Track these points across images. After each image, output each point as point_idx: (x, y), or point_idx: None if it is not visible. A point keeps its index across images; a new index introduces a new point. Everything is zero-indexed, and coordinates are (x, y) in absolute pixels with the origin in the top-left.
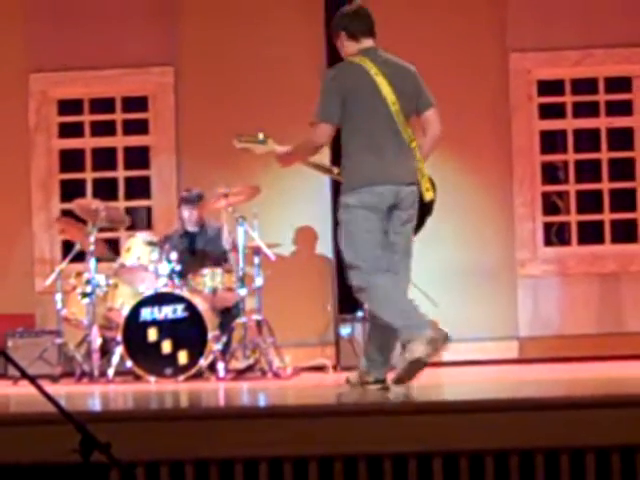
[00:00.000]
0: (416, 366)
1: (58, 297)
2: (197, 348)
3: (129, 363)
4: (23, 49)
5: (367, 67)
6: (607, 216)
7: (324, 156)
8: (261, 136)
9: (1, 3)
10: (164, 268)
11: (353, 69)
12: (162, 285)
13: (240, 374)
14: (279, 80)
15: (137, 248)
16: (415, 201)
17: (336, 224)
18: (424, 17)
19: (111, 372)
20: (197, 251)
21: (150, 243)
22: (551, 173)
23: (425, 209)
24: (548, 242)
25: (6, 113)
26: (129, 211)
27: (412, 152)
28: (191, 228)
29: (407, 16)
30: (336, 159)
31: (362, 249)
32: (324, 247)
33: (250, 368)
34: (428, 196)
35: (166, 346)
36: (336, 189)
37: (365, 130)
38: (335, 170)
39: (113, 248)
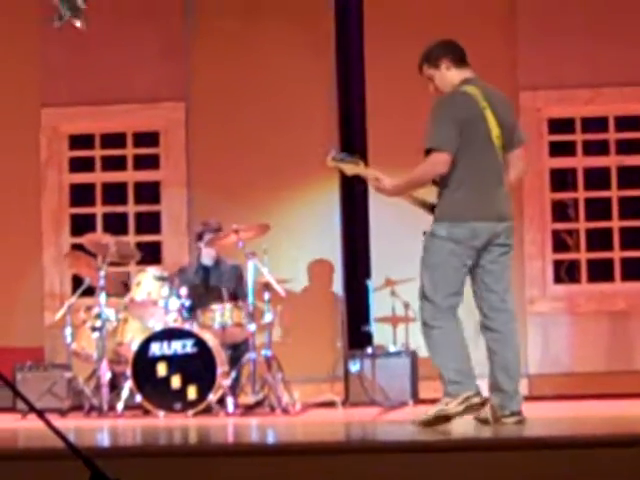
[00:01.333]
0: (441, 421)
1: (67, 331)
2: (206, 383)
3: (138, 398)
4: (35, 84)
5: (478, 99)
6: (617, 254)
7: None
8: (356, 160)
9: (14, 38)
10: (174, 303)
11: (466, 99)
12: (172, 320)
13: (249, 410)
14: (290, 116)
15: (147, 283)
16: (512, 235)
17: (346, 258)
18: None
19: (120, 406)
20: (210, 286)
21: (160, 278)
22: (561, 211)
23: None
24: (558, 280)
25: (18, 147)
26: (139, 246)
27: (507, 188)
28: (207, 262)
29: (417, 53)
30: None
31: (441, 284)
32: (334, 282)
33: (259, 404)
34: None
35: (175, 381)
36: (346, 223)
37: (471, 163)
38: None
39: (125, 284)
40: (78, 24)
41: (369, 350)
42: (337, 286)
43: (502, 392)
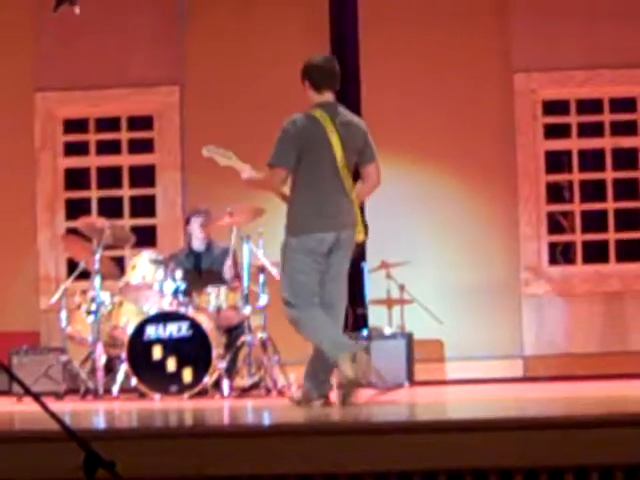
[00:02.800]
0: (351, 385)
1: (63, 315)
2: (202, 366)
3: (134, 381)
4: (29, 68)
5: (325, 124)
6: (612, 235)
7: None
8: (228, 152)
9: (8, 23)
10: (169, 286)
11: (313, 124)
12: (167, 303)
13: (245, 392)
14: (285, 98)
15: (142, 266)
16: (352, 242)
17: None
18: (429, 38)
19: (116, 389)
20: (203, 270)
21: (155, 261)
22: (556, 193)
23: (357, 248)
24: (553, 261)
25: (12, 132)
26: (134, 229)
27: (352, 201)
28: (198, 247)
29: (413, 37)
30: None
31: (298, 289)
32: None
33: (255, 386)
34: (360, 238)
35: (171, 364)
36: None
37: (312, 181)
38: None
39: (119, 266)
40: (77, 10)
41: (365, 332)
42: None
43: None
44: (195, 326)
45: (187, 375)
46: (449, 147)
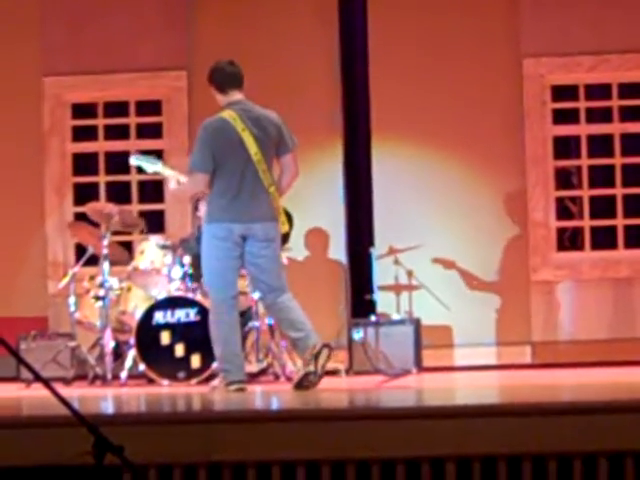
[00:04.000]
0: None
1: (71, 300)
2: (210, 352)
3: (142, 366)
4: (37, 53)
5: (235, 124)
6: (620, 221)
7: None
8: (155, 160)
9: (16, 7)
10: (177, 272)
11: (223, 125)
12: (175, 289)
13: (253, 378)
14: (293, 83)
15: (151, 251)
16: (272, 233)
17: (349, 227)
18: (438, 24)
19: (124, 375)
20: None
21: (163, 247)
22: (564, 178)
23: (283, 238)
24: (561, 247)
25: (20, 116)
26: (142, 215)
27: (269, 195)
28: None
29: (421, 23)
30: None
31: (214, 278)
32: (336, 251)
33: (263, 372)
34: (284, 229)
35: (179, 350)
36: (349, 191)
37: (227, 177)
38: None
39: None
40: None
41: (372, 318)
42: (340, 254)
43: (297, 340)
44: (203, 311)
45: (195, 361)
46: (457, 132)
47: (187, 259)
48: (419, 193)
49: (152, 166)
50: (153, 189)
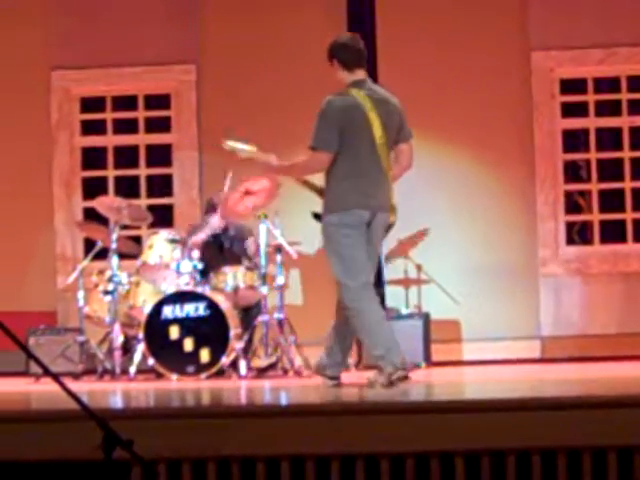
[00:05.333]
0: (370, 388)
1: (80, 294)
2: (219, 346)
3: (151, 361)
4: (45, 46)
5: (362, 101)
6: (629, 215)
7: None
8: (249, 145)
9: (23, 1)
10: (186, 266)
11: (351, 102)
12: (184, 283)
13: (262, 372)
14: (301, 77)
15: (159, 246)
16: (386, 224)
17: None
18: (446, 17)
19: (133, 370)
20: (224, 249)
21: (172, 241)
22: (573, 172)
23: (387, 230)
24: (570, 241)
25: (28, 111)
26: (151, 209)
27: (389, 181)
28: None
29: (430, 17)
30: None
31: (350, 267)
32: None
33: (272, 366)
34: (392, 219)
35: (188, 344)
36: None
37: (351, 160)
38: (323, 191)
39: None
40: None
41: None
42: None
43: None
44: (212, 306)
45: (204, 355)
46: (466, 126)
47: (196, 253)
48: (428, 187)
49: (247, 152)
50: (162, 183)
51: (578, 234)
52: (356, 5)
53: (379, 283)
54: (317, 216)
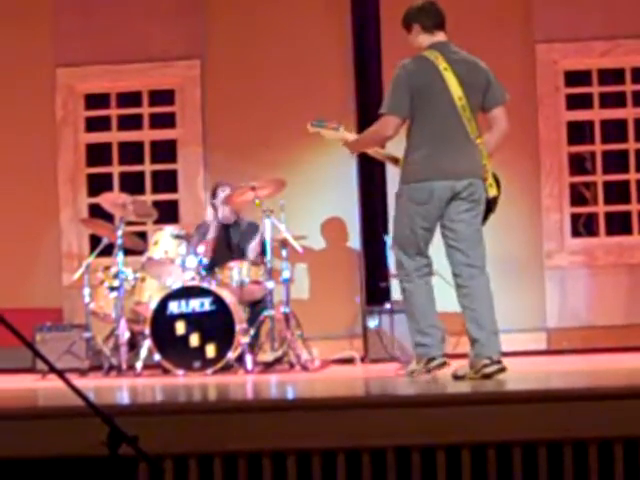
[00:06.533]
0: (409, 377)
1: (86, 291)
2: (225, 341)
3: (157, 357)
4: (50, 43)
5: (437, 62)
6: (635, 207)
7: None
8: (335, 125)
9: None
10: (191, 261)
11: (424, 64)
12: (189, 278)
13: (268, 367)
14: (306, 72)
15: (164, 241)
16: (478, 193)
17: (364, 215)
18: (449, 10)
19: (139, 366)
20: (233, 245)
21: (177, 236)
22: (578, 164)
23: (489, 205)
24: (575, 233)
25: (33, 107)
26: (156, 205)
27: (476, 148)
28: (226, 219)
29: None
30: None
31: (406, 246)
32: (352, 239)
33: (278, 361)
34: (491, 192)
35: (194, 339)
36: (363, 180)
37: (430, 125)
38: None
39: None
40: None
41: (387, 306)
42: (355, 242)
43: (475, 342)
44: (218, 301)
45: (210, 350)
46: None
47: (201, 248)
48: None
49: (332, 133)
50: (167, 179)
51: (583, 226)
52: (360, 1)
53: (385, 276)
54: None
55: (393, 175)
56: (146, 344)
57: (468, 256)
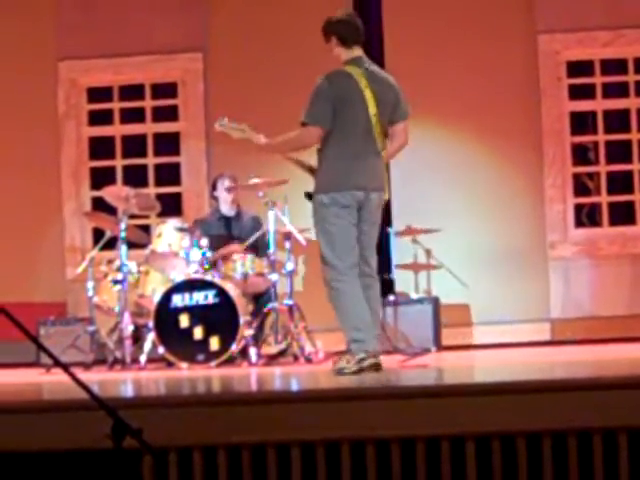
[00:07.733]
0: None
1: (89, 285)
2: (229, 334)
3: (161, 350)
4: (52, 37)
5: (359, 79)
6: (638, 197)
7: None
8: (239, 125)
9: None
10: (195, 254)
11: (346, 79)
12: (193, 271)
13: (272, 359)
14: (309, 65)
15: (168, 234)
16: (381, 205)
17: None
18: (452, 0)
19: (143, 359)
20: (234, 237)
21: (181, 229)
22: (581, 154)
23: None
24: (579, 223)
25: (36, 101)
26: (159, 197)
27: (382, 161)
28: (227, 212)
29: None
30: None
31: (339, 246)
32: None
33: (282, 353)
34: (385, 197)
35: (198, 332)
36: None
37: (344, 138)
38: (314, 170)
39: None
40: None
41: (391, 298)
42: None
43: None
44: (222, 293)
45: (214, 343)
46: (473, 110)
47: (205, 241)
48: (435, 171)
49: (239, 133)
50: (170, 172)
51: (587, 216)
52: None
53: (388, 268)
54: (309, 196)
55: (396, 167)
56: (150, 337)
57: (369, 265)
